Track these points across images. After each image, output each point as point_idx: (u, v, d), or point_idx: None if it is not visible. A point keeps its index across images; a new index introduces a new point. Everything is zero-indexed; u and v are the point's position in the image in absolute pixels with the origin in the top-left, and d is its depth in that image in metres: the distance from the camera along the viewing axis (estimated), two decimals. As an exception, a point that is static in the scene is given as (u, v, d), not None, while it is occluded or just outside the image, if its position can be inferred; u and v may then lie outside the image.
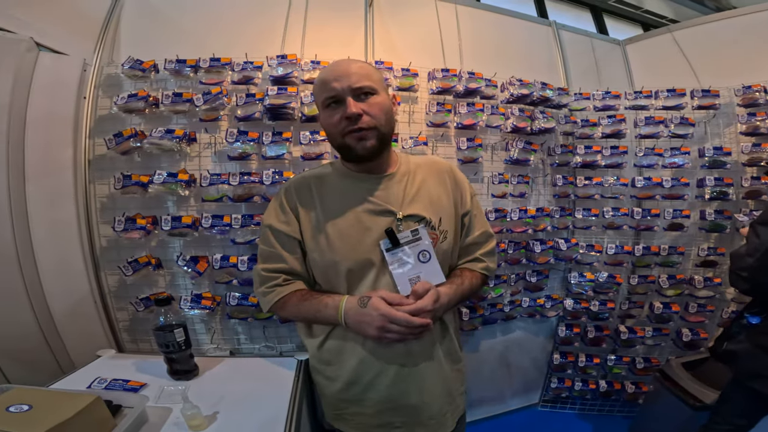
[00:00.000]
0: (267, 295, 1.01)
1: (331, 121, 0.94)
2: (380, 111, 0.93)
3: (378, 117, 0.92)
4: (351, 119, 0.90)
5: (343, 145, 0.95)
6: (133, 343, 1.57)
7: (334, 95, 0.91)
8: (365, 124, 0.91)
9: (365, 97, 0.92)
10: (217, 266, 1.50)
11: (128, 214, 1.44)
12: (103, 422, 0.86)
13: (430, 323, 0.90)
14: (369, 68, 0.96)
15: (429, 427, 1.03)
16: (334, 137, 0.95)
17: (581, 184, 1.93)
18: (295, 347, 1.63)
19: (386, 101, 0.96)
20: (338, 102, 0.92)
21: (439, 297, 0.93)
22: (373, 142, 0.93)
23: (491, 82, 1.82)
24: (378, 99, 0.93)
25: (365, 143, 0.92)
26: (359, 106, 0.90)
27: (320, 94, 0.95)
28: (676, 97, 1.90)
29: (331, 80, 0.91)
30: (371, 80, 0.93)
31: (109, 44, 1.53)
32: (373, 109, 0.92)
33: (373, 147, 0.93)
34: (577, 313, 2.00)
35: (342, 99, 0.91)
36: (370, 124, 0.92)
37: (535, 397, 2.24)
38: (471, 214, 1.09)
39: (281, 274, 1.01)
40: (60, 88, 1.41)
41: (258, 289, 1.04)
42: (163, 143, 1.44)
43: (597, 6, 2.98)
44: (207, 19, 1.64)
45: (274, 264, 1.01)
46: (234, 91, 1.55)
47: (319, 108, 0.98)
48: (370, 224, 0.96)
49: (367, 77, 0.92)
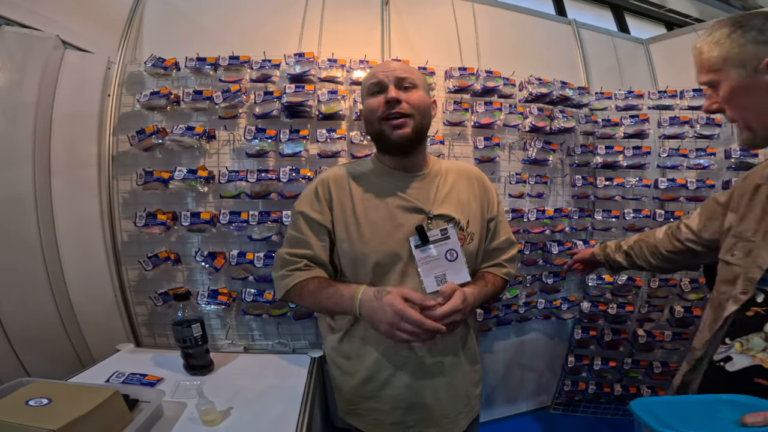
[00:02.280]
0: (285, 278, 1.00)
1: (371, 106, 0.98)
2: (419, 102, 0.97)
3: (415, 106, 0.97)
4: (390, 103, 0.94)
5: (379, 132, 0.98)
6: (151, 337, 1.60)
7: (378, 82, 0.97)
8: (403, 110, 0.95)
9: (407, 89, 0.97)
10: (234, 262, 1.51)
11: (149, 210, 1.47)
12: (121, 416, 0.87)
13: (443, 329, 0.87)
14: (415, 70, 1.03)
15: (442, 426, 1.03)
16: (372, 123, 0.99)
17: (601, 185, 1.89)
18: (308, 344, 1.64)
19: (426, 98, 1.00)
20: (381, 90, 0.97)
21: (467, 297, 0.92)
22: (408, 131, 0.96)
23: (509, 81, 1.80)
24: (418, 93, 0.98)
25: (400, 131, 0.95)
26: (399, 93, 0.95)
27: (366, 85, 1.01)
28: (702, 97, 1.82)
29: (378, 71, 0.99)
30: (415, 77, 0.99)
31: (132, 42, 1.56)
32: (412, 98, 0.96)
33: (407, 135, 0.96)
34: (594, 315, 1.96)
35: (385, 87, 0.96)
36: (408, 111, 0.95)
37: (548, 399, 2.21)
38: (497, 219, 1.10)
39: (303, 260, 1.01)
40: (85, 86, 1.45)
41: (277, 273, 1.04)
42: (184, 140, 1.46)
43: (618, 4, 2.91)
44: (226, 18, 1.67)
45: (300, 249, 1.01)
46: (252, 88, 1.57)
47: (364, 99, 1.02)
48: (402, 220, 0.98)
49: (413, 74, 0.99)
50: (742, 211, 0.86)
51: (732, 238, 0.86)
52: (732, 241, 0.85)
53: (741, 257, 0.81)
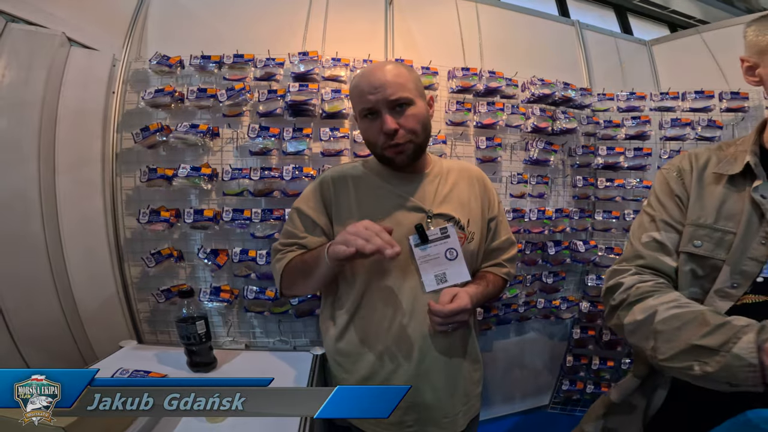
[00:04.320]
0: (277, 264, 1.02)
1: (369, 134, 0.98)
2: (416, 122, 0.95)
3: (414, 129, 0.95)
4: (388, 135, 0.93)
5: (383, 156, 0.99)
6: (153, 334, 1.60)
7: (370, 107, 0.94)
8: (401, 139, 0.94)
9: (401, 108, 0.93)
10: (237, 260, 1.52)
11: (153, 207, 1.48)
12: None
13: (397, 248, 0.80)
14: (405, 75, 0.95)
15: (442, 425, 1.03)
16: (374, 148, 0.99)
17: (602, 186, 1.90)
18: (310, 342, 1.65)
19: (422, 110, 0.97)
20: (374, 113, 0.94)
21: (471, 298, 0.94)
22: (410, 153, 0.97)
23: (512, 82, 1.80)
24: (414, 110, 0.95)
25: (403, 156, 0.96)
26: (394, 123, 0.92)
27: (357, 103, 0.98)
28: (704, 99, 1.85)
29: (366, 92, 0.93)
30: (407, 90, 0.93)
31: (137, 40, 1.56)
32: (409, 122, 0.94)
33: (410, 157, 0.97)
34: (592, 315, 1.97)
35: (378, 111, 0.93)
36: (406, 138, 0.95)
37: (545, 398, 2.22)
38: (497, 219, 1.11)
39: (294, 247, 1.03)
40: (91, 83, 1.45)
41: (273, 265, 1.06)
42: (188, 138, 1.46)
43: (622, 6, 2.91)
44: (230, 16, 1.67)
45: (291, 239, 1.03)
46: (256, 87, 1.57)
47: (357, 116, 1.00)
48: (402, 219, 0.99)
49: (403, 87, 0.93)
50: (692, 200, 0.78)
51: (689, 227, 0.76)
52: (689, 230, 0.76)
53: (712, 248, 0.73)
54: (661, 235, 0.79)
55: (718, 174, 0.77)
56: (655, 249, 0.79)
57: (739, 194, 0.74)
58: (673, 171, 0.83)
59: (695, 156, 0.82)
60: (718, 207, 0.75)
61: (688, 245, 0.76)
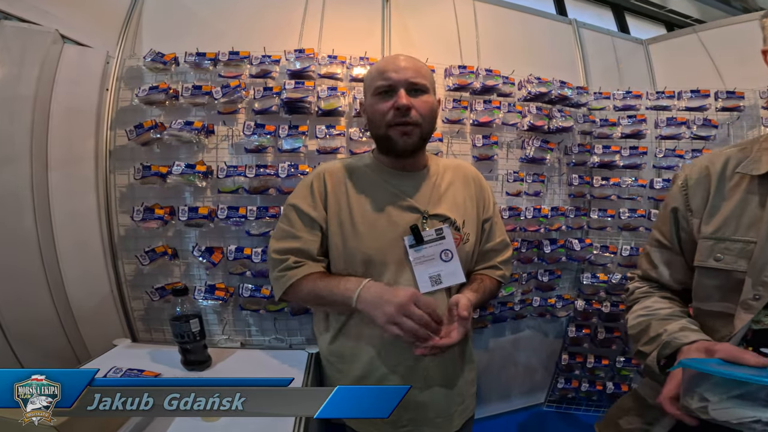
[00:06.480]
0: (280, 280, 0.99)
1: (379, 109, 0.95)
2: (428, 110, 0.96)
3: (424, 115, 0.95)
4: (400, 110, 0.92)
5: (385, 137, 0.96)
6: (147, 332, 1.60)
7: (389, 84, 0.93)
8: (412, 119, 0.93)
9: (417, 93, 0.94)
10: (232, 257, 1.52)
11: (147, 204, 1.47)
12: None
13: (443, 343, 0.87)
14: (426, 68, 0.99)
15: (436, 425, 1.03)
16: (378, 126, 0.96)
17: (598, 185, 1.90)
18: (305, 340, 1.65)
19: (434, 103, 0.99)
20: (390, 92, 0.94)
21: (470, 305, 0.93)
22: (415, 140, 0.96)
23: (509, 80, 1.80)
24: (428, 98, 0.96)
25: (407, 139, 0.95)
26: (409, 100, 0.92)
27: (373, 81, 0.96)
28: (700, 98, 1.86)
29: (389, 70, 0.94)
30: (426, 79, 0.96)
31: (131, 37, 1.55)
32: (422, 106, 0.94)
33: (413, 144, 0.96)
34: (588, 313, 1.98)
35: (395, 90, 0.93)
36: (417, 120, 0.94)
37: (541, 396, 2.23)
38: (492, 221, 1.10)
39: (290, 255, 0.99)
40: (84, 80, 1.44)
41: (271, 274, 1.03)
42: (182, 135, 1.45)
43: (619, 4, 2.92)
44: (226, 13, 1.66)
45: (286, 243, 0.99)
46: (252, 84, 1.56)
47: (368, 95, 0.99)
48: (397, 219, 0.98)
49: (424, 76, 0.96)
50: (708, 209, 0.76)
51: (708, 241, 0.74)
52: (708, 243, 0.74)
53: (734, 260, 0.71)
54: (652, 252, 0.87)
55: (741, 174, 0.73)
56: (648, 263, 0.88)
57: (760, 198, 0.70)
58: (679, 180, 0.82)
59: (710, 161, 0.79)
60: (739, 215, 0.72)
61: (708, 260, 0.74)
